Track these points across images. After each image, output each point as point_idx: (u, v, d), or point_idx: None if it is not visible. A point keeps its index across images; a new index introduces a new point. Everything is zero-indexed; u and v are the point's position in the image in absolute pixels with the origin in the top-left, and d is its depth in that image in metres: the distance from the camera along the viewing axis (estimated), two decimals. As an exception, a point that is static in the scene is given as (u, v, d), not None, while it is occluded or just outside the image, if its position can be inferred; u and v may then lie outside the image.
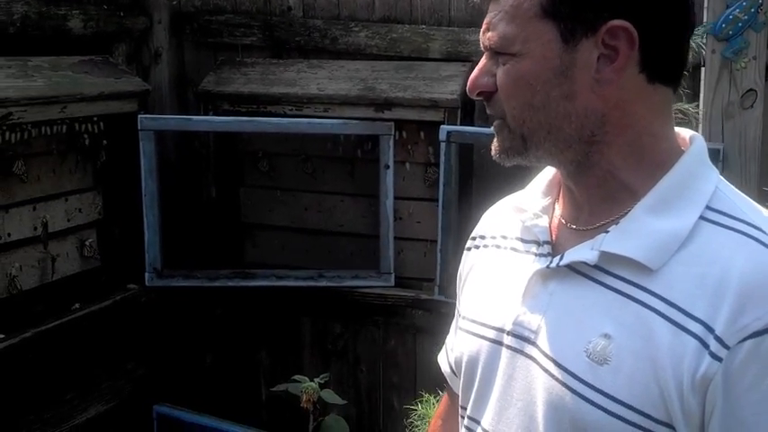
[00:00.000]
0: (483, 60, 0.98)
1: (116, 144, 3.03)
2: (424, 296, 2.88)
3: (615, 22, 0.90)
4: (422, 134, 2.92)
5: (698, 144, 0.98)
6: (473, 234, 1.17)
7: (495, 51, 0.95)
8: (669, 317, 0.86)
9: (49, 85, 2.66)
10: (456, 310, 1.22)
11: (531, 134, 0.94)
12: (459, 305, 1.16)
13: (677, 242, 0.90)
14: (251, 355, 3.21)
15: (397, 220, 2.96)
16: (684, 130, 1.02)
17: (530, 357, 0.96)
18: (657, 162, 0.95)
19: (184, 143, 3.25)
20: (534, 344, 0.96)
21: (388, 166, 2.86)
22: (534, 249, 1.02)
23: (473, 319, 1.07)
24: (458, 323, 1.14)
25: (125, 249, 3.11)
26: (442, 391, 1.28)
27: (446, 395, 1.27)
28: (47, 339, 2.66)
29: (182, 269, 3.07)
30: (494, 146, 1.00)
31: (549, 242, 1.01)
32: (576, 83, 0.92)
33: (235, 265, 3.13)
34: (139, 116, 2.96)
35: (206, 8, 3.23)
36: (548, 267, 0.97)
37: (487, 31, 0.95)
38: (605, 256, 0.92)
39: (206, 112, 3.11)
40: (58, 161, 2.88)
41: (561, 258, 0.96)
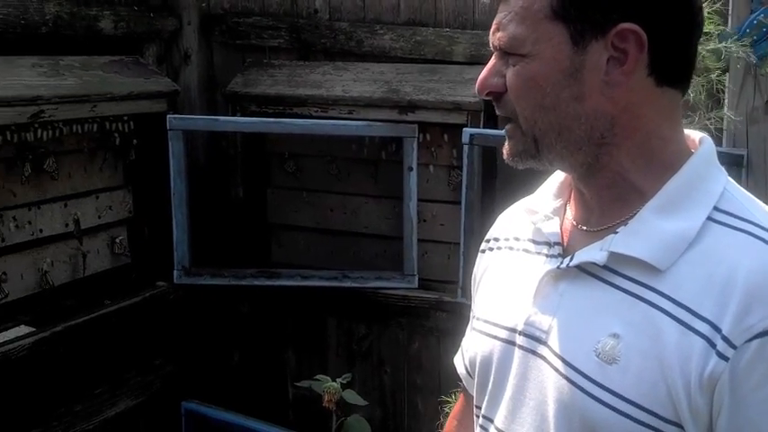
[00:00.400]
0: (492, 60, 0.99)
1: (146, 143, 3.08)
2: (446, 298, 2.90)
3: (624, 25, 0.91)
4: (445, 137, 2.93)
5: (707, 146, 0.99)
6: (487, 237, 1.19)
7: (505, 52, 0.96)
8: (677, 317, 0.87)
9: (79, 84, 2.70)
10: (471, 312, 1.25)
11: (543, 135, 0.95)
12: (474, 306, 1.18)
13: (685, 243, 0.91)
14: (277, 354, 3.25)
15: (421, 222, 2.98)
16: (694, 132, 1.03)
17: (541, 357, 0.98)
18: (666, 164, 0.96)
19: (213, 144, 3.29)
20: (545, 344, 0.97)
21: (411, 169, 2.88)
22: (545, 251, 1.03)
23: (486, 320, 1.09)
24: (472, 324, 1.16)
25: (154, 247, 3.16)
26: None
27: (461, 396, 1.29)
28: (77, 334, 2.71)
29: (209, 267, 3.11)
30: (505, 149, 1.01)
31: (560, 243, 1.02)
32: (586, 85, 0.93)
33: (261, 265, 3.16)
34: (168, 116, 3.00)
35: (234, 10, 3.27)
36: (558, 268, 0.98)
37: (497, 31, 0.96)
38: (614, 256, 0.94)
39: (233, 113, 3.15)
40: (89, 159, 2.93)
41: (571, 259, 0.97)
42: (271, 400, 3.25)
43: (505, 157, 1.02)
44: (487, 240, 1.18)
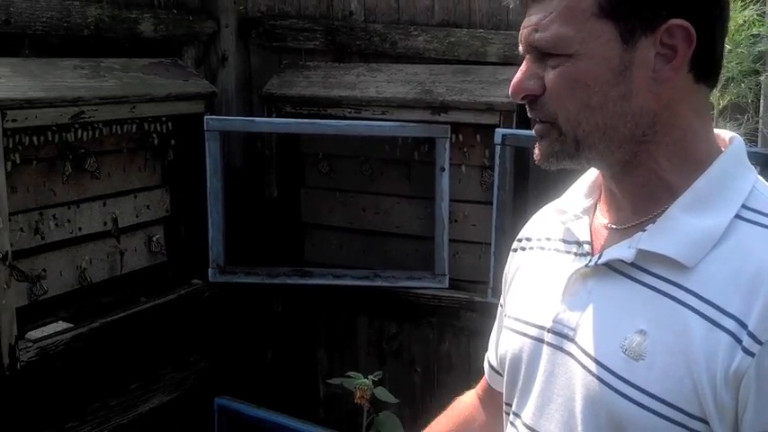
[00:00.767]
0: (526, 63, 0.98)
1: (183, 144, 3.12)
2: (477, 298, 2.90)
3: (675, 21, 0.91)
4: (478, 137, 2.94)
5: (736, 144, 1.00)
6: (519, 236, 1.20)
7: (544, 53, 0.95)
8: (704, 313, 0.88)
9: (119, 85, 2.75)
10: (498, 309, 1.26)
11: (587, 136, 0.95)
12: (505, 305, 1.19)
13: (712, 240, 0.91)
14: (309, 351, 3.27)
15: (453, 222, 2.99)
16: (725, 132, 1.03)
17: (569, 354, 0.99)
18: (697, 161, 0.97)
19: (248, 144, 3.34)
20: (573, 341, 0.99)
21: (443, 169, 2.89)
22: (575, 249, 1.04)
23: (517, 318, 1.11)
24: (503, 322, 1.17)
25: (190, 245, 3.21)
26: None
27: (481, 386, 1.30)
28: (114, 330, 2.75)
29: (243, 266, 3.15)
30: (537, 150, 1.01)
31: (589, 242, 1.03)
32: (634, 82, 0.93)
33: (294, 264, 3.20)
34: (206, 117, 3.04)
35: (271, 13, 3.31)
36: (586, 266, 1.00)
37: (535, 32, 0.95)
38: (642, 254, 0.94)
39: (269, 114, 3.19)
40: (128, 159, 2.98)
41: (600, 257, 0.98)
42: (302, 397, 3.27)
43: (537, 157, 1.01)
44: (519, 240, 1.20)
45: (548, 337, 1.02)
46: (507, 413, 1.12)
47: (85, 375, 2.70)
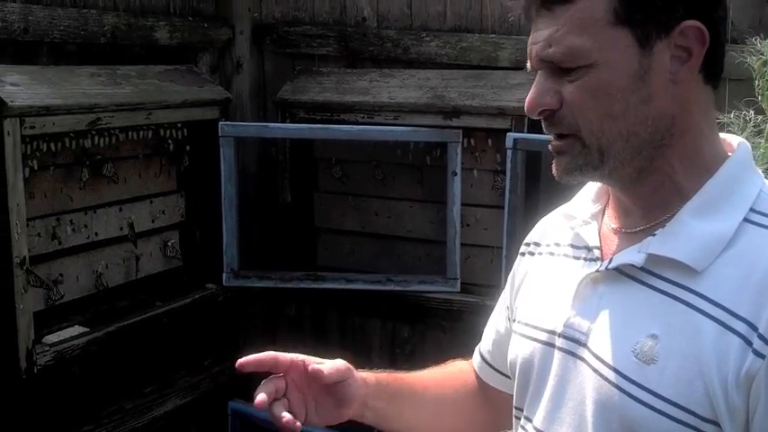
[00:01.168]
0: (540, 79, 0.97)
1: (198, 149, 3.16)
2: (488, 302, 2.90)
3: (688, 22, 0.92)
4: (489, 141, 2.95)
5: (743, 149, 1.00)
6: (527, 240, 1.21)
7: (561, 67, 0.95)
8: (715, 316, 0.88)
9: (135, 92, 2.78)
10: (498, 303, 1.27)
11: (610, 145, 0.95)
12: (514, 309, 1.19)
13: (722, 244, 0.92)
14: (322, 355, 3.26)
15: (465, 226, 3.00)
16: (731, 136, 1.04)
17: (580, 359, 1.00)
18: (706, 165, 0.98)
19: (262, 149, 3.36)
20: (585, 345, 0.99)
21: (455, 173, 2.90)
22: (584, 254, 1.05)
23: (527, 323, 1.11)
24: (512, 327, 1.17)
25: (205, 250, 3.23)
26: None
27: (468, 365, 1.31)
28: (129, 334, 2.78)
29: (257, 270, 3.17)
30: (559, 166, 1.00)
31: (598, 247, 1.04)
32: (653, 86, 0.93)
33: (307, 268, 3.22)
34: (220, 123, 3.07)
35: (285, 20, 3.34)
36: (597, 271, 1.00)
37: (548, 47, 0.94)
38: (652, 258, 0.95)
39: (283, 120, 3.21)
40: (144, 165, 3.01)
41: (610, 262, 0.99)
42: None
43: (558, 173, 1.01)
44: (527, 244, 1.20)
45: (559, 341, 1.03)
46: (518, 417, 1.12)
47: (101, 379, 2.73)
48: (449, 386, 1.31)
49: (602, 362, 0.96)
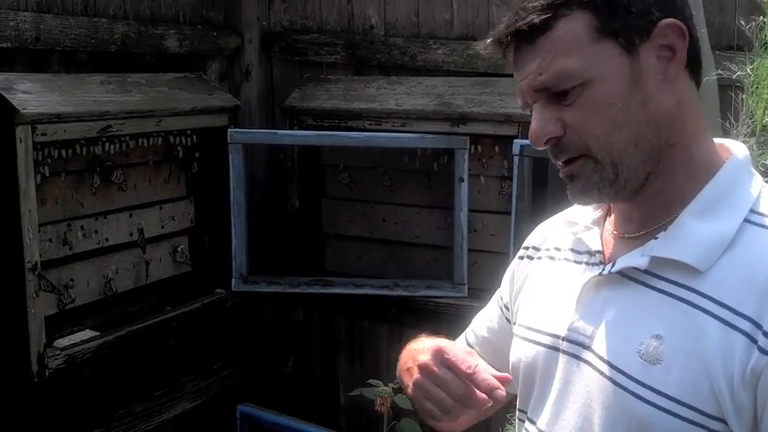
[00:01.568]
0: (538, 110, 0.98)
1: (207, 156, 3.19)
2: (495, 307, 2.91)
3: (665, 21, 0.94)
4: (496, 148, 2.97)
5: (742, 152, 1.02)
6: (526, 244, 1.21)
7: (555, 93, 0.96)
8: (719, 316, 0.89)
9: (145, 99, 2.81)
10: (492, 302, 1.28)
11: (622, 154, 0.96)
12: (514, 313, 1.20)
13: (723, 244, 0.93)
14: (330, 359, 3.31)
15: (472, 232, 3.02)
16: (730, 141, 1.05)
17: (585, 361, 1.00)
18: (705, 167, 0.99)
19: (271, 156, 3.39)
20: (589, 348, 0.99)
21: (462, 179, 2.92)
22: (586, 259, 1.05)
23: (529, 327, 1.11)
24: (513, 330, 1.19)
25: (214, 256, 3.26)
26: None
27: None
28: (139, 338, 2.81)
29: (265, 275, 3.20)
30: (575, 189, 1.00)
31: (601, 251, 1.04)
32: (648, 87, 0.95)
33: (315, 273, 3.24)
34: (229, 130, 3.10)
35: (293, 28, 3.37)
36: (600, 275, 1.01)
37: (539, 75, 0.95)
38: (655, 260, 0.95)
39: (291, 127, 3.24)
40: (154, 171, 3.04)
41: (613, 265, 0.99)
42: (323, 404, 3.31)
43: (576, 197, 1.01)
44: (526, 248, 1.21)
45: (563, 345, 1.04)
46: (522, 420, 1.13)
47: (111, 382, 2.75)
48: None
49: (607, 364, 0.97)
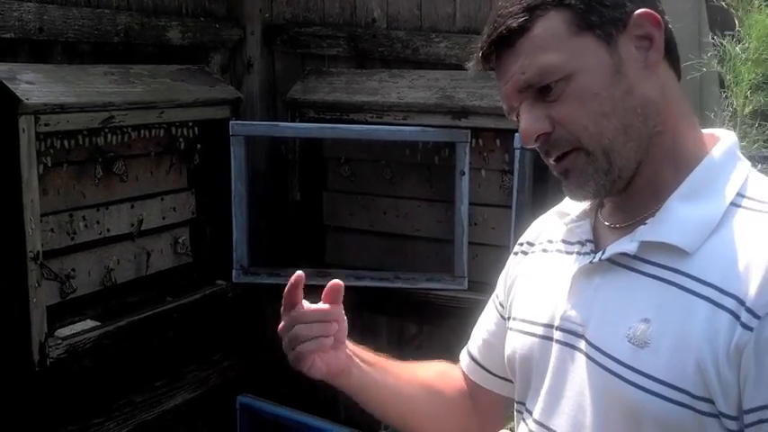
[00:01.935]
0: (525, 110, 1.00)
1: (209, 148, 3.19)
2: (495, 300, 2.93)
3: (638, 11, 0.98)
4: (497, 141, 2.97)
5: (729, 138, 1.04)
6: (520, 240, 1.24)
7: (540, 89, 0.98)
8: (706, 296, 0.91)
9: (148, 91, 2.81)
10: (489, 303, 1.30)
11: (612, 142, 0.98)
12: (508, 308, 1.21)
13: (710, 226, 0.95)
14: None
15: (472, 225, 3.02)
16: (718, 130, 1.07)
17: (578, 350, 1.02)
18: (691, 152, 1.01)
19: (272, 148, 3.40)
20: (582, 336, 1.02)
21: (463, 173, 2.93)
22: (577, 249, 1.08)
23: (523, 319, 1.14)
24: (508, 324, 1.20)
25: (215, 247, 3.27)
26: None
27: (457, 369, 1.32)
28: (140, 329, 2.82)
29: (266, 267, 3.21)
30: (570, 184, 1.02)
31: (592, 240, 1.06)
32: (630, 76, 0.97)
33: (316, 265, 3.24)
34: (231, 122, 3.10)
35: (296, 20, 3.37)
36: (591, 263, 1.03)
37: (522, 74, 0.98)
38: (644, 245, 0.98)
39: (293, 119, 3.24)
40: (156, 163, 3.04)
41: (603, 253, 1.02)
42: (323, 396, 3.31)
43: (572, 192, 1.03)
44: (521, 244, 1.23)
45: (557, 335, 1.06)
46: (520, 411, 1.15)
47: (112, 372, 2.76)
48: (436, 392, 1.33)
49: (598, 350, 0.99)
